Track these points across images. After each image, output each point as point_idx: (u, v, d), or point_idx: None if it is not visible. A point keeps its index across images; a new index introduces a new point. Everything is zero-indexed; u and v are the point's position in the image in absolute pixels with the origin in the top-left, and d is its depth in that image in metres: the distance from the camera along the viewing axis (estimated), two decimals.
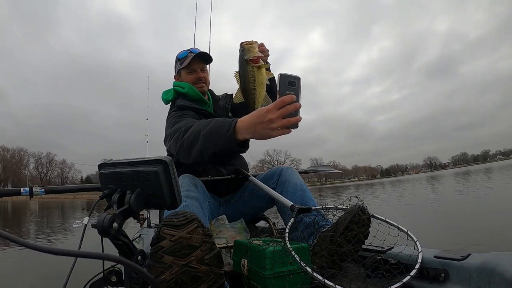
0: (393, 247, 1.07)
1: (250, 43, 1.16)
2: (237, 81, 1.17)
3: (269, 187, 1.39)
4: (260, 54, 1.15)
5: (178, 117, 1.36)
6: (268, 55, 1.33)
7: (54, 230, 8.72)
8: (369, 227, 1.14)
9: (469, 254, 0.85)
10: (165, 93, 1.56)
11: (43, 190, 1.36)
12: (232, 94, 1.64)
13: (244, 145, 1.00)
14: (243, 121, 0.95)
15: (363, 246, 1.12)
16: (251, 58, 1.13)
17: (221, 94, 1.68)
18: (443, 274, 0.85)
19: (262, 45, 1.27)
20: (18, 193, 1.30)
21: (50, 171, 76.23)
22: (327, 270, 1.12)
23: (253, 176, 1.51)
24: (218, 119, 1.09)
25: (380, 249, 1.07)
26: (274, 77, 1.18)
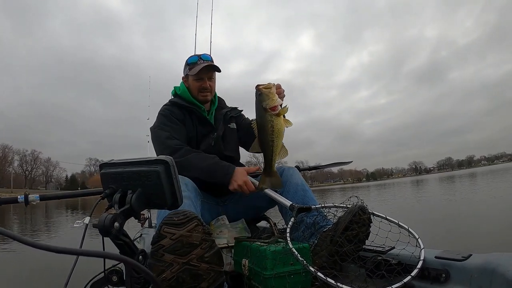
0: (394, 248, 1.07)
1: (269, 87, 1.10)
2: (254, 130, 1.14)
3: None
4: (280, 101, 1.10)
5: (164, 116, 1.49)
6: (284, 95, 1.28)
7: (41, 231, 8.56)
8: (370, 226, 1.14)
9: (470, 255, 0.85)
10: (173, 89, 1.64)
11: (38, 196, 1.36)
12: (241, 111, 1.71)
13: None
14: (237, 172, 1.33)
15: (364, 247, 1.12)
16: (271, 107, 1.08)
17: (231, 106, 1.71)
18: (444, 275, 0.84)
19: (279, 86, 1.22)
20: (15, 201, 1.31)
21: (34, 169, 75.03)
22: (329, 271, 1.12)
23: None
24: (218, 162, 1.37)
25: (381, 249, 1.07)
26: (291, 125, 1.15)
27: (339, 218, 1.17)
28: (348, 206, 1.18)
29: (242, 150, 1.71)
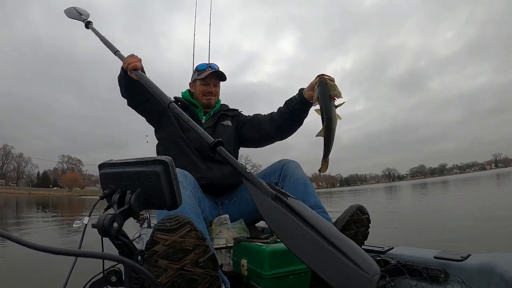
0: (393, 247, 1.07)
1: (333, 79, 1.17)
2: (322, 118, 1.15)
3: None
4: (341, 95, 1.16)
5: None
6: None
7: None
8: (369, 227, 1.14)
9: (469, 255, 0.85)
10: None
11: None
12: (241, 111, 1.77)
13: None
14: None
15: (363, 247, 1.12)
16: (334, 97, 1.14)
17: (230, 108, 1.77)
18: (443, 275, 0.85)
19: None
20: None
21: (6, 164, 73.85)
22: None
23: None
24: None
25: (380, 249, 1.07)
26: (341, 119, 1.18)
27: (338, 217, 1.17)
28: None
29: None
